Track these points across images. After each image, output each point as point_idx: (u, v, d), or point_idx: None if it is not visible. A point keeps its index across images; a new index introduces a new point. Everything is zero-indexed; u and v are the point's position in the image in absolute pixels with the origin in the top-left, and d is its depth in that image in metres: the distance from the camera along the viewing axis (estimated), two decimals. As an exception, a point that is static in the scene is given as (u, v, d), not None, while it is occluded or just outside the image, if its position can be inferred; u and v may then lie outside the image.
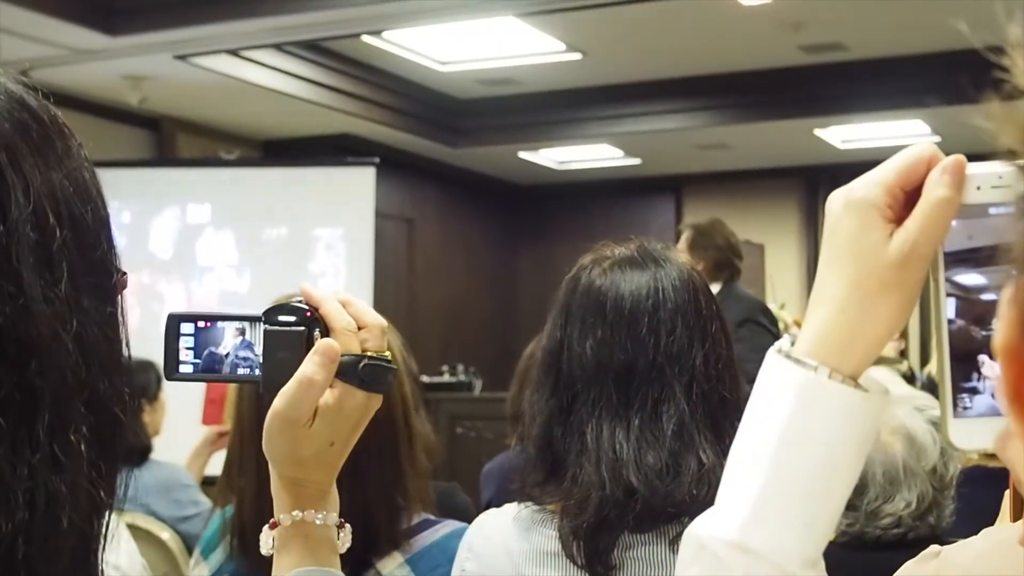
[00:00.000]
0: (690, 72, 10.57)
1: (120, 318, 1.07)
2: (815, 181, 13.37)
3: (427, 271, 13.12)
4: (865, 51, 9.88)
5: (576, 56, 9.96)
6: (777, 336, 6.92)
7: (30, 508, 0.94)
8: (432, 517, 2.59)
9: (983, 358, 1.01)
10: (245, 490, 2.51)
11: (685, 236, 7.20)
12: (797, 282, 13.03)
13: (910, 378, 9.34)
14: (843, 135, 11.97)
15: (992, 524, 2.15)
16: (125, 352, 1.06)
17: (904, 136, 11.69)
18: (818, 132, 11.65)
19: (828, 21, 9.13)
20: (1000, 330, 0.70)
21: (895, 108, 10.69)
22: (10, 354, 0.94)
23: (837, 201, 1.09)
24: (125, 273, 1.11)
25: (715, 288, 7.04)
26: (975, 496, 2.94)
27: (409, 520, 2.53)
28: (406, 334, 2.74)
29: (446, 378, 11.80)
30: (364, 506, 2.41)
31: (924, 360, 11.07)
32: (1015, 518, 2.15)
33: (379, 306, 3.22)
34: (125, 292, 1.10)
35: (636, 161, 13.11)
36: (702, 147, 12.28)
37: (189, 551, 4.70)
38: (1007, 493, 2.20)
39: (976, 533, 2.58)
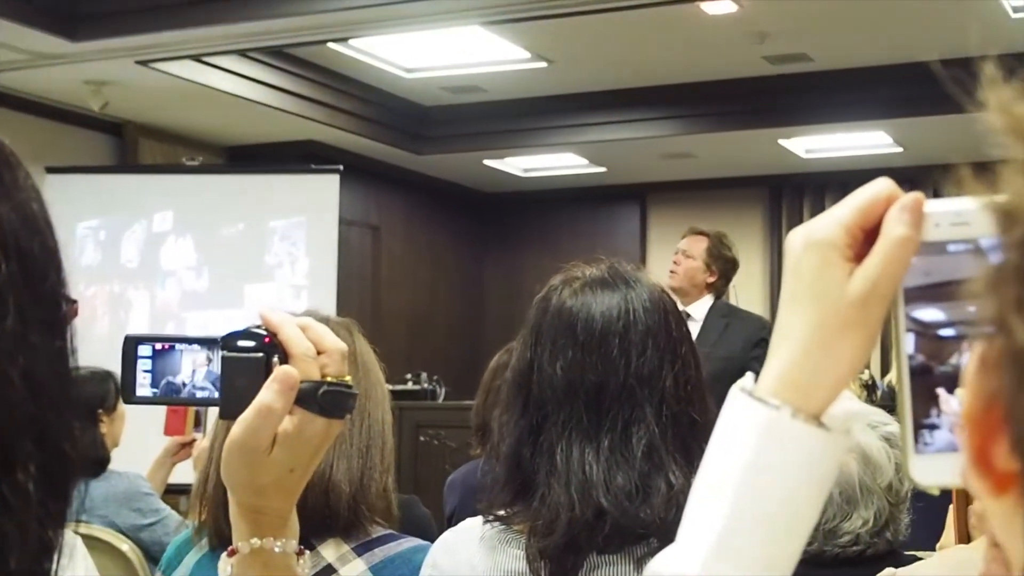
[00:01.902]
0: (655, 81, 10.59)
1: (70, 351, 1.05)
2: (779, 190, 13.41)
3: (391, 278, 13.09)
4: (829, 62, 9.92)
5: (541, 64, 9.97)
6: None
7: None
8: (395, 532, 2.58)
9: (942, 393, 1.00)
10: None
11: (705, 242, 7.15)
12: (760, 291, 13.05)
13: (871, 387, 9.37)
14: (807, 145, 12.00)
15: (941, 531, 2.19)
16: (76, 386, 1.05)
17: (867, 146, 11.76)
18: (782, 142, 11.68)
19: (793, 32, 9.16)
20: (965, 399, 0.70)
21: (858, 119, 10.74)
22: None
23: (797, 241, 1.09)
24: (75, 302, 1.09)
25: (709, 300, 7.06)
26: (929, 508, 2.96)
27: (369, 527, 2.52)
28: (370, 341, 2.73)
29: (410, 386, 11.77)
30: (330, 477, 2.41)
31: (885, 369, 11.09)
32: (959, 537, 2.18)
33: (343, 313, 3.21)
34: (89, 307, 1.08)
35: (601, 169, 13.13)
36: (667, 156, 12.30)
37: (151, 558, 4.69)
38: (951, 508, 2.22)
39: (931, 544, 2.59)
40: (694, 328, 6.78)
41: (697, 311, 7.02)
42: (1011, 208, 0.67)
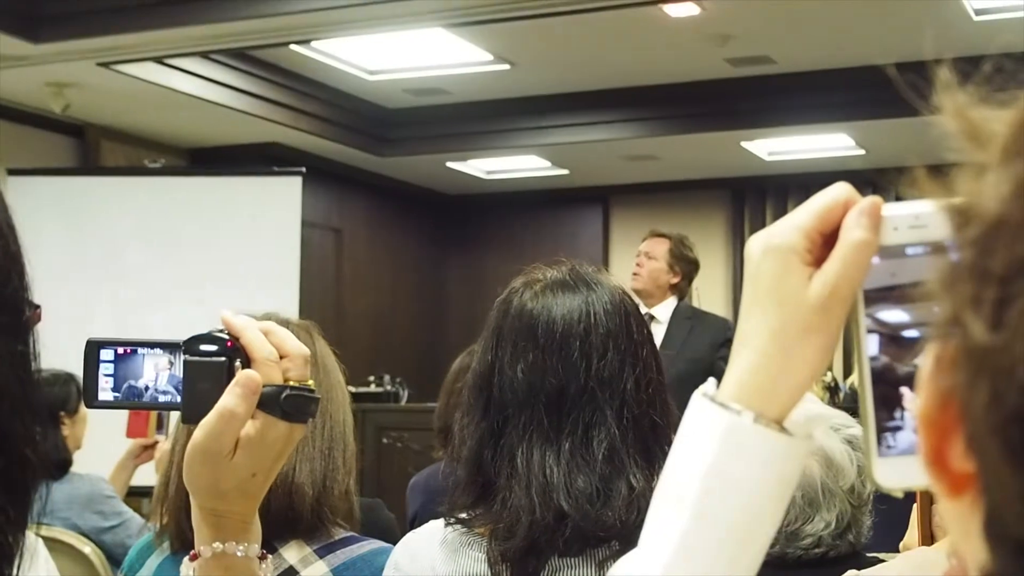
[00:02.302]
0: (618, 84, 10.60)
1: (32, 356, 1.05)
2: (741, 193, 13.44)
3: (354, 280, 13.07)
4: (792, 65, 9.95)
5: (504, 67, 9.97)
6: None
7: None
8: (357, 535, 2.58)
9: (906, 392, 1.01)
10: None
11: (667, 244, 7.18)
12: (723, 293, 13.09)
13: (833, 389, 9.41)
14: (769, 147, 12.05)
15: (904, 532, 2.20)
16: (37, 390, 1.04)
17: (829, 149, 11.80)
18: (745, 144, 11.71)
19: (755, 35, 9.19)
20: (920, 399, 0.70)
21: (821, 121, 10.78)
22: None
23: (756, 246, 1.10)
24: (38, 307, 1.09)
25: (673, 302, 7.08)
26: (892, 511, 2.98)
27: (331, 529, 2.52)
28: (333, 344, 2.73)
29: (373, 388, 11.76)
30: (293, 480, 2.41)
31: (847, 371, 11.13)
32: (922, 537, 2.19)
33: (306, 315, 3.21)
34: (39, 325, 1.08)
35: (564, 172, 13.13)
36: (630, 158, 12.31)
37: (113, 561, 4.67)
38: (915, 507, 2.23)
39: (893, 546, 2.60)
40: (659, 330, 6.80)
41: (661, 313, 7.04)
42: (965, 208, 0.67)
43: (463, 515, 2.24)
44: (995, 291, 0.63)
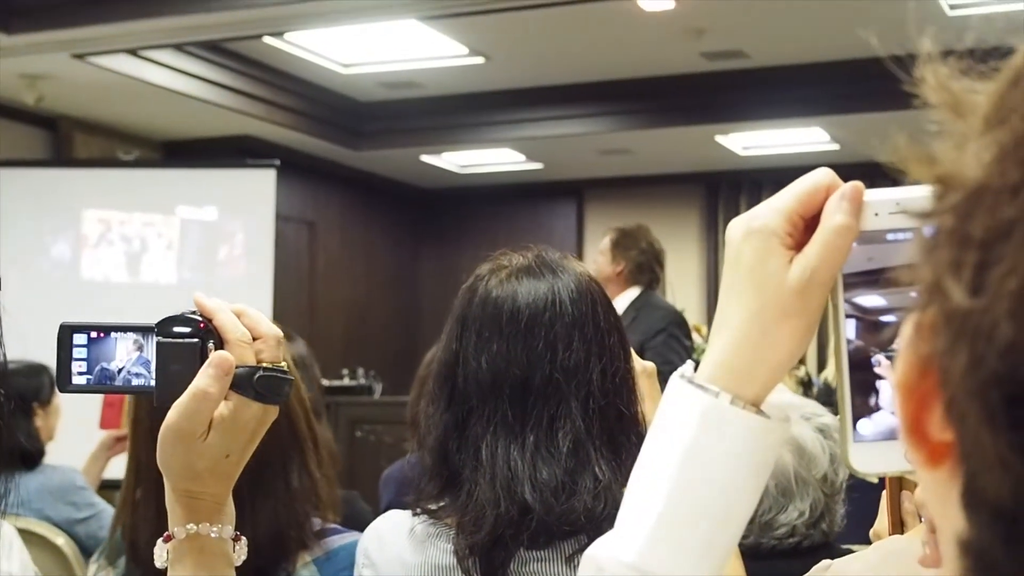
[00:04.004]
0: (592, 77, 10.60)
1: None
2: (716, 187, 13.46)
3: (328, 274, 13.06)
4: (766, 59, 9.96)
5: (479, 60, 9.97)
6: (689, 349, 6.97)
7: None
8: (338, 527, 2.58)
9: (881, 378, 1.01)
10: (140, 500, 2.49)
11: (608, 237, 7.21)
12: (697, 288, 13.12)
13: (807, 383, 9.42)
14: (744, 142, 12.06)
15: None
16: (2, 381, 1.04)
17: (804, 143, 11.82)
18: (719, 138, 11.73)
19: (730, 29, 9.20)
20: (898, 367, 0.70)
21: (795, 116, 10.80)
22: None
23: (737, 229, 1.10)
24: None
25: (633, 293, 7.07)
26: (864, 499, 2.98)
27: (322, 525, 2.53)
28: (306, 337, 2.74)
29: (346, 381, 11.75)
30: (275, 516, 2.41)
31: (821, 365, 11.16)
32: (892, 524, 2.19)
33: (280, 309, 3.21)
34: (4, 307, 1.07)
35: (538, 166, 13.14)
36: (604, 152, 12.32)
37: (85, 552, 4.67)
38: (883, 494, 2.24)
39: (865, 534, 2.61)
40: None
41: (618, 305, 7.01)
42: (946, 177, 0.67)
43: (431, 506, 2.23)
44: (975, 255, 0.63)
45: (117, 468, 5.26)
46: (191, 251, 9.30)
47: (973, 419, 0.63)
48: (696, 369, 1.12)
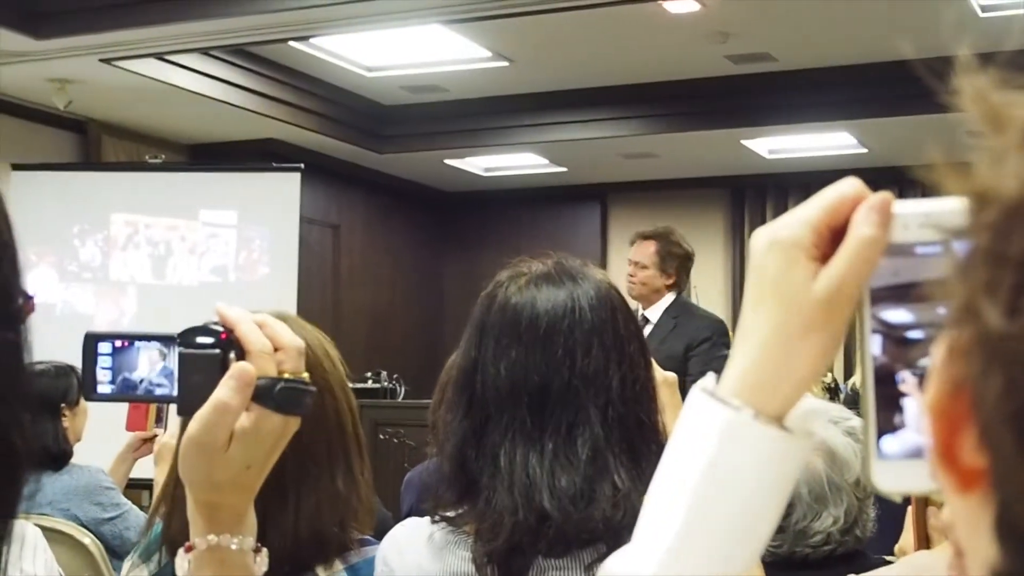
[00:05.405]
0: (617, 81, 10.58)
1: (24, 344, 1.04)
2: (741, 191, 13.39)
3: (352, 277, 13.06)
4: (793, 62, 9.92)
5: (503, 64, 9.96)
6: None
7: None
8: (371, 538, 2.59)
9: (906, 395, 1.00)
10: (179, 501, 2.50)
11: (652, 246, 7.12)
12: (722, 292, 13.07)
13: (834, 389, 9.38)
14: (770, 145, 12.01)
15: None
16: (28, 379, 1.04)
17: (830, 147, 11.74)
18: (745, 142, 11.68)
19: (756, 32, 9.17)
20: (929, 389, 0.69)
21: (822, 119, 10.72)
22: None
23: (761, 240, 1.07)
24: (31, 297, 1.08)
25: (669, 298, 7.04)
26: (887, 507, 2.96)
27: (361, 530, 2.53)
28: (330, 339, 2.72)
29: (370, 384, 11.74)
30: (318, 511, 2.41)
31: (848, 372, 11.11)
32: (917, 539, 2.18)
33: (304, 312, 3.21)
34: (32, 315, 1.07)
35: (562, 169, 13.11)
36: (628, 156, 12.29)
37: (111, 552, 4.68)
38: (909, 510, 2.22)
39: (895, 539, 2.60)
40: (649, 330, 6.78)
41: (654, 314, 7.00)
42: (982, 193, 0.65)
43: (450, 513, 2.22)
44: (1012, 276, 0.62)
45: (143, 469, 5.30)
46: (216, 254, 9.31)
47: (1008, 447, 0.62)
48: (718, 382, 1.09)
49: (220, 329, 1.46)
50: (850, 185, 1.05)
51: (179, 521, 2.48)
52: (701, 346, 6.70)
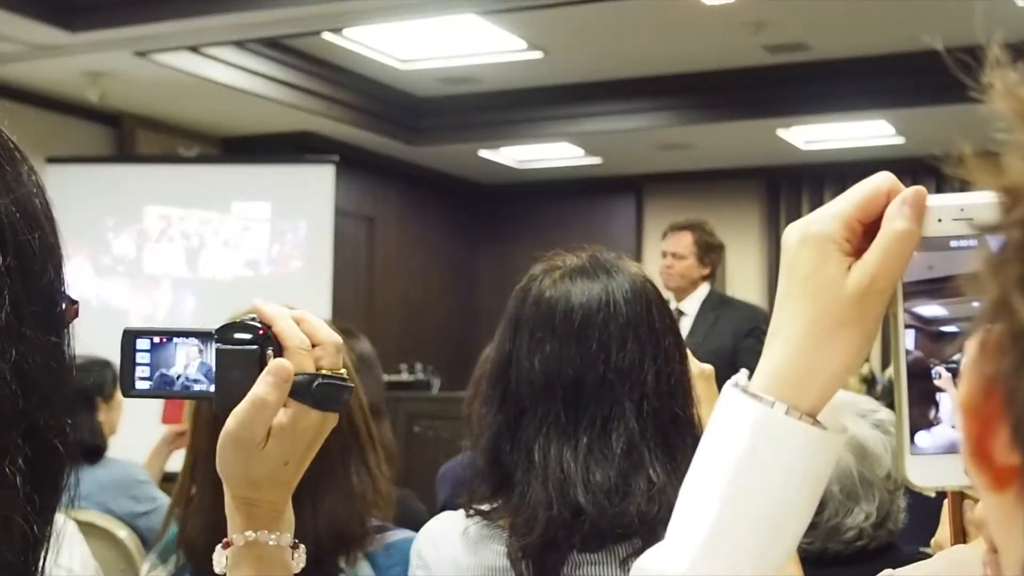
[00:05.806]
0: (651, 72, 10.56)
1: (66, 348, 1.04)
2: (777, 182, 13.36)
3: (387, 269, 13.09)
4: (828, 51, 9.88)
5: (537, 55, 9.95)
6: None
7: None
8: (390, 525, 2.60)
9: (941, 390, 0.99)
10: (195, 496, 2.51)
11: (690, 236, 7.12)
12: (757, 283, 13.04)
13: (871, 381, 9.35)
14: (806, 136, 11.96)
15: (938, 519, 2.17)
16: (70, 384, 1.04)
17: (867, 137, 11.69)
18: (780, 132, 11.65)
19: (791, 21, 9.14)
20: (962, 386, 0.68)
21: (858, 109, 10.68)
22: None
23: (794, 234, 1.07)
24: (76, 302, 1.08)
25: (704, 290, 7.03)
26: (920, 498, 2.94)
27: (381, 522, 2.55)
28: (364, 331, 2.73)
29: (404, 376, 11.78)
30: (336, 511, 2.42)
31: (885, 363, 11.07)
32: (954, 533, 2.16)
33: (338, 304, 3.23)
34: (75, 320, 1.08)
35: (597, 160, 13.11)
36: (663, 147, 12.28)
37: (147, 545, 4.70)
38: (945, 503, 2.20)
39: (926, 531, 2.57)
40: (686, 323, 6.77)
41: (690, 306, 7.00)
42: (1014, 187, 0.65)
43: (484, 507, 2.22)
44: None
45: (178, 462, 5.31)
46: (249, 247, 9.34)
47: None
48: (751, 377, 1.09)
49: (258, 325, 1.46)
50: (883, 179, 1.04)
51: (195, 523, 2.49)
52: (748, 339, 6.67)
